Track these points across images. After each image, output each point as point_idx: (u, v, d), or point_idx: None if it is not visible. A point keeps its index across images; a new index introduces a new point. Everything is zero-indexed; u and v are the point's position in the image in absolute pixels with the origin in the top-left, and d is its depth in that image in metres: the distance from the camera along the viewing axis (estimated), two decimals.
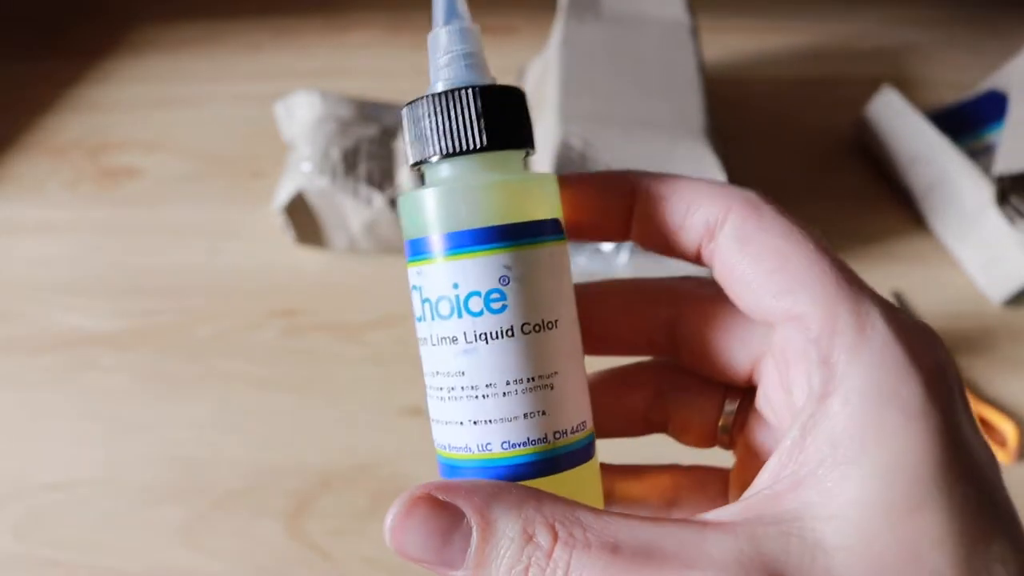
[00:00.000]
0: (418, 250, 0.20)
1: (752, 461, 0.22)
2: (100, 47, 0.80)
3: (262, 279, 0.58)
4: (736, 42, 0.79)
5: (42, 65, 0.79)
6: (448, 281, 0.19)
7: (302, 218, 0.56)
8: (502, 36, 0.80)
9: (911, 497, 0.15)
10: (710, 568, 0.15)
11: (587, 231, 0.21)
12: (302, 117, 0.60)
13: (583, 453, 0.20)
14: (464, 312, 0.19)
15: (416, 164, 0.20)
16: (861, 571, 0.14)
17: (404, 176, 0.56)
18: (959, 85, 0.69)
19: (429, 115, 0.19)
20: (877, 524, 0.14)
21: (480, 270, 0.19)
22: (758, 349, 0.21)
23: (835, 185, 0.66)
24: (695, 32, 0.61)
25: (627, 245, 0.53)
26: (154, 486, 0.46)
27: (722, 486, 0.24)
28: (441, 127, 0.19)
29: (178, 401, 0.50)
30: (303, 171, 0.55)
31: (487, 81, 0.20)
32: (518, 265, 0.19)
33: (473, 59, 0.20)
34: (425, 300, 0.20)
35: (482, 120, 0.19)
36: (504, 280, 0.19)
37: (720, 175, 0.49)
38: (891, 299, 0.55)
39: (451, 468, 0.20)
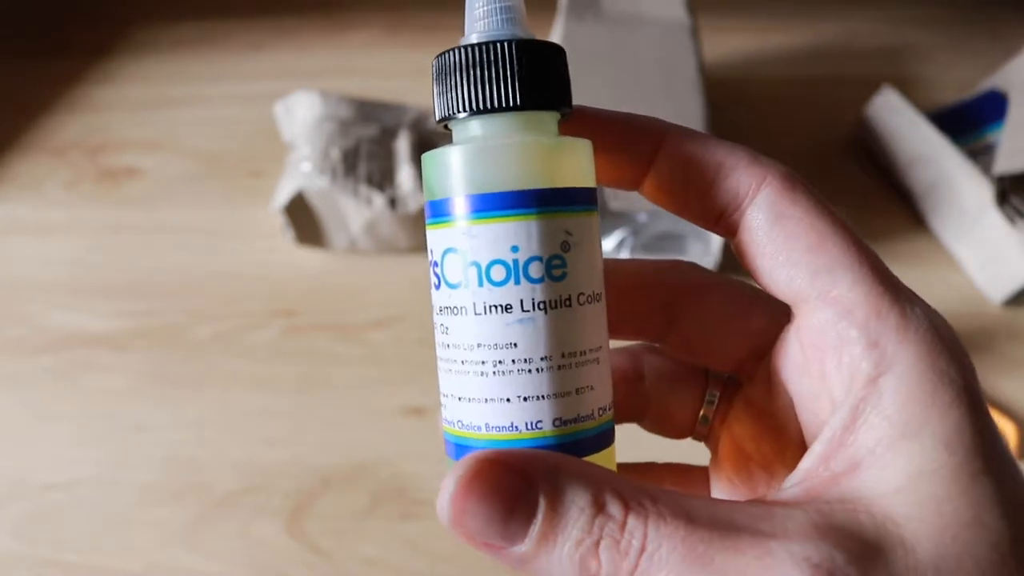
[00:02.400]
0: (466, 208, 0.18)
1: (735, 453, 0.22)
2: (100, 47, 0.80)
3: (262, 279, 0.58)
4: (736, 42, 0.79)
5: (42, 65, 0.79)
6: (506, 243, 0.18)
7: (302, 218, 0.56)
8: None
9: (971, 465, 0.15)
10: (793, 537, 0.15)
11: (599, 172, 0.20)
12: (302, 117, 0.60)
13: (612, 431, 0.19)
14: (522, 278, 0.18)
15: (443, 119, 0.19)
16: (933, 536, 0.15)
17: (404, 176, 0.56)
18: (959, 85, 0.69)
19: (462, 67, 0.18)
20: (943, 492, 0.15)
21: (544, 233, 0.18)
22: (757, 340, 0.21)
23: (835, 185, 0.66)
24: (695, 32, 0.61)
25: (628, 244, 0.53)
26: (154, 486, 0.46)
27: (703, 483, 0.23)
28: (476, 80, 0.18)
29: (178, 401, 0.50)
30: (303, 171, 0.55)
31: (527, 36, 0.19)
32: (577, 231, 0.18)
33: (512, 12, 0.19)
34: (473, 264, 0.18)
35: (521, 76, 0.18)
36: (565, 247, 0.18)
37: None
38: None
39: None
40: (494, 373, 0.18)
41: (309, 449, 0.47)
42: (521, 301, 0.18)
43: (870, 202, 0.64)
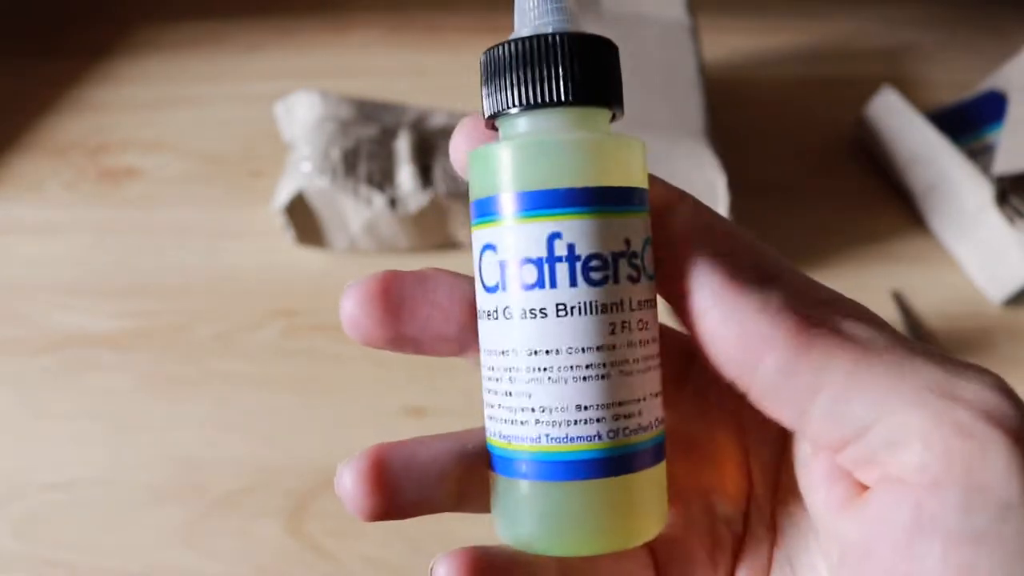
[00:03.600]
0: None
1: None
2: (100, 47, 0.80)
3: (262, 279, 0.58)
4: (736, 42, 0.79)
5: (42, 65, 0.79)
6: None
7: (302, 218, 0.56)
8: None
9: None
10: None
11: None
12: (302, 117, 0.60)
13: (664, 444, 0.19)
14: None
15: (492, 116, 0.18)
16: None
17: (404, 176, 0.56)
18: (959, 85, 0.69)
19: (513, 61, 0.17)
20: None
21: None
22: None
23: (835, 185, 0.66)
24: (695, 32, 0.61)
25: None
26: (154, 486, 0.46)
27: None
28: (527, 75, 0.17)
29: (178, 401, 0.50)
30: (303, 171, 0.55)
31: (578, 30, 0.18)
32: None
33: (563, 5, 0.18)
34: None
35: (576, 70, 0.17)
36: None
37: (720, 175, 0.49)
38: (891, 299, 0.55)
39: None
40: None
41: (309, 449, 0.47)
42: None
43: (870, 202, 0.64)
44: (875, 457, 0.15)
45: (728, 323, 0.16)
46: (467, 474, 0.19)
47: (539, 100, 0.17)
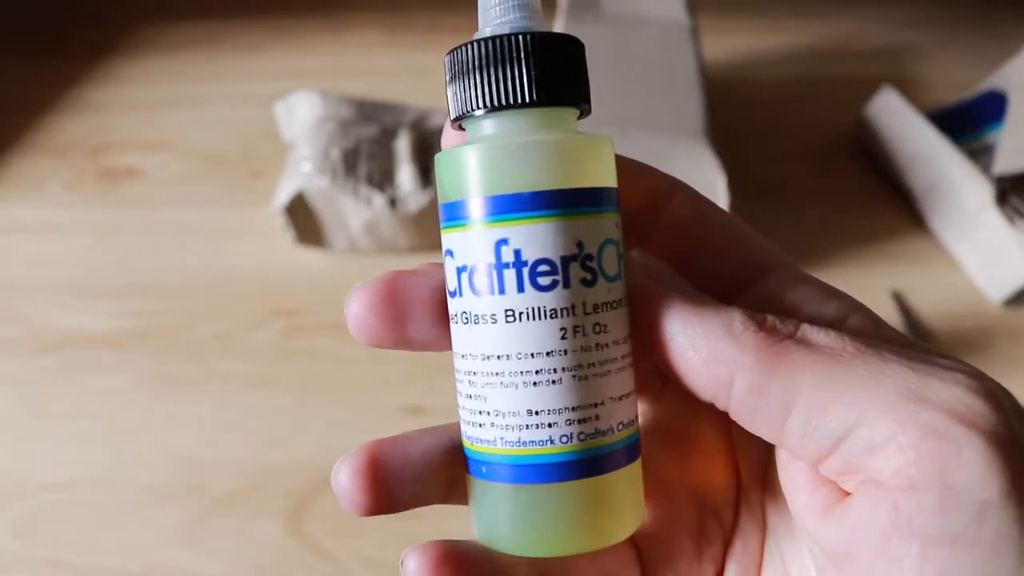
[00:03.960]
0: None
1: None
2: (100, 48, 0.80)
3: (262, 279, 0.58)
4: (736, 42, 0.79)
5: (43, 66, 0.79)
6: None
7: (302, 218, 0.56)
8: None
9: None
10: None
11: None
12: (302, 117, 0.60)
13: (639, 443, 0.19)
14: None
15: (458, 119, 0.18)
16: None
17: (404, 176, 0.56)
18: (959, 85, 0.69)
19: (476, 62, 0.17)
20: None
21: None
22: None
23: (835, 185, 0.66)
24: (695, 32, 0.61)
25: None
26: (154, 486, 0.46)
27: None
28: (491, 76, 0.17)
29: (178, 401, 0.50)
30: (303, 171, 0.55)
31: (543, 29, 0.18)
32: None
33: (527, 5, 0.18)
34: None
35: (539, 70, 0.17)
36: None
37: (720, 175, 0.49)
38: (891, 299, 0.55)
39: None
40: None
41: (309, 449, 0.47)
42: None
43: (870, 202, 0.64)
44: (853, 466, 0.15)
45: (695, 348, 0.16)
46: (455, 467, 0.19)
47: (503, 102, 0.17)
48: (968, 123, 0.63)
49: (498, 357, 0.17)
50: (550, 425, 0.17)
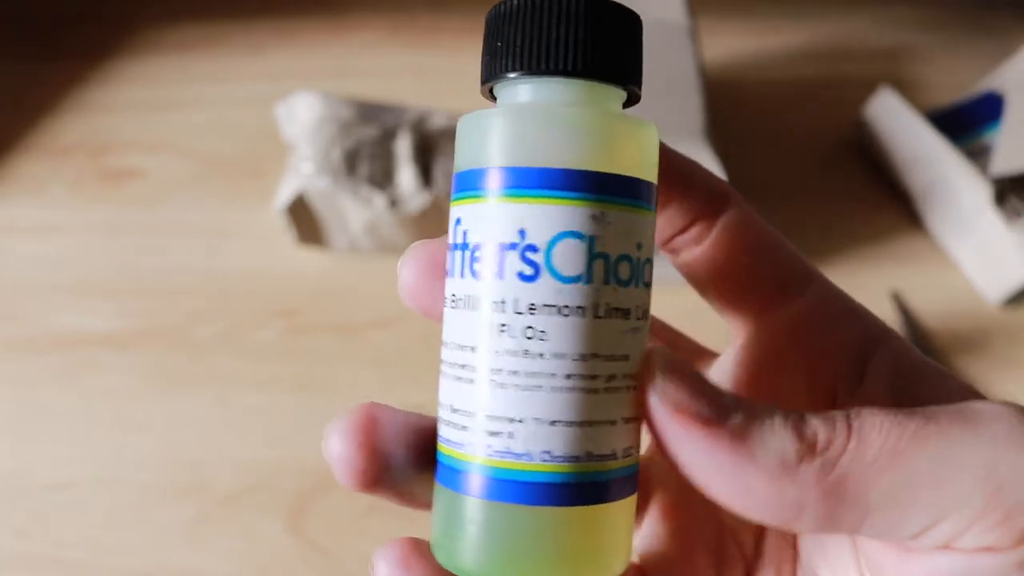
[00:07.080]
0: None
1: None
2: (102, 49, 0.81)
3: (263, 279, 0.58)
4: (735, 43, 0.79)
5: (44, 67, 0.79)
6: (632, 238, 0.15)
7: (303, 219, 0.56)
8: None
9: None
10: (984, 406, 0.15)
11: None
12: (303, 118, 0.60)
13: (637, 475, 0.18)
14: (640, 281, 0.15)
15: (488, 81, 0.16)
16: None
17: (404, 176, 0.56)
18: (957, 86, 0.69)
19: (517, 19, 0.15)
20: None
21: (645, 231, 0.15)
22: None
23: (833, 186, 0.66)
24: (694, 33, 0.62)
25: None
26: (155, 485, 0.46)
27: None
28: (531, 36, 0.15)
29: (179, 401, 0.50)
30: (304, 172, 0.55)
31: None
32: (640, 232, 0.16)
33: None
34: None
35: (591, 37, 0.15)
36: (636, 248, 0.15)
37: (720, 176, 0.49)
38: (889, 299, 0.55)
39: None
40: (608, 389, 0.15)
41: (310, 449, 0.47)
42: (638, 307, 0.15)
43: (868, 203, 0.64)
44: (936, 549, 0.15)
45: (750, 492, 0.15)
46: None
47: (543, 66, 0.15)
48: (966, 124, 0.63)
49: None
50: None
